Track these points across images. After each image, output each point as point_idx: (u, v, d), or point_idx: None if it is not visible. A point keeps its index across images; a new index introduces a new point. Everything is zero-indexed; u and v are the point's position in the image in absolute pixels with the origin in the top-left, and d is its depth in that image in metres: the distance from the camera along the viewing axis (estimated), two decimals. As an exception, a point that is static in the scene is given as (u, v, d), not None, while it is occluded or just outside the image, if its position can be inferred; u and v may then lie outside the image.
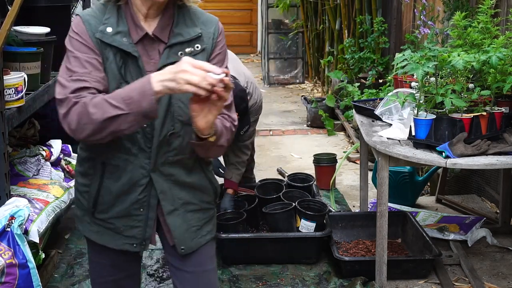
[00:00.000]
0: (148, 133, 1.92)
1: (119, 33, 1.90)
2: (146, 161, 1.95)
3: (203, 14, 2.01)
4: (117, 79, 1.89)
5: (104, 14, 1.92)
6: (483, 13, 3.31)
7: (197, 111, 1.78)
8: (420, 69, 2.98)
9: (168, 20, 1.94)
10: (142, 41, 1.92)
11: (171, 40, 1.92)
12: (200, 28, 1.96)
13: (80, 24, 1.93)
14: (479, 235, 3.80)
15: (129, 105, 1.75)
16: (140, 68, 1.90)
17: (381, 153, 3.13)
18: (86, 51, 1.89)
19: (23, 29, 3.50)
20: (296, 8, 9.17)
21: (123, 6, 1.93)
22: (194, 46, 1.94)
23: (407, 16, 5.94)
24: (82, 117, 1.79)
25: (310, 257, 3.63)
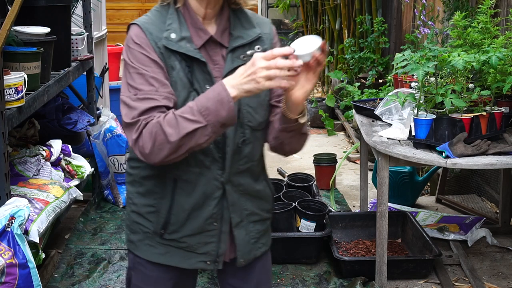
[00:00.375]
0: (219, 143, 1.81)
1: (184, 39, 1.78)
2: (219, 172, 1.84)
3: (255, 15, 1.93)
4: (187, 88, 1.77)
5: (162, 20, 1.80)
6: (483, 13, 3.31)
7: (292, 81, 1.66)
8: (420, 69, 2.98)
9: (225, 23, 1.85)
10: (205, 46, 1.81)
11: (232, 44, 1.83)
12: (258, 29, 1.88)
13: (140, 34, 1.78)
14: (479, 235, 3.80)
15: (206, 116, 1.65)
16: (209, 74, 1.79)
17: (381, 153, 3.13)
18: (150, 64, 1.76)
19: (23, 29, 3.50)
20: (296, 8, 9.18)
21: (182, 10, 1.82)
22: (255, 48, 1.85)
23: (407, 16, 5.94)
24: (157, 138, 1.68)
25: (310, 257, 3.63)
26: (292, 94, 1.71)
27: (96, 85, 4.74)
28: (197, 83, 1.78)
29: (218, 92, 1.65)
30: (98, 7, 5.61)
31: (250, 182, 1.90)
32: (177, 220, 1.86)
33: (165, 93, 1.73)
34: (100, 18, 5.80)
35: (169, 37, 1.77)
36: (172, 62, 1.77)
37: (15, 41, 3.35)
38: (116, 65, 7.01)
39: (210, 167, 1.83)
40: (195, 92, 1.77)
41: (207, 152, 1.81)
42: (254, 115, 1.82)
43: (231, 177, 1.86)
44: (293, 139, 1.84)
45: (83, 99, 4.62)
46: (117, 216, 4.40)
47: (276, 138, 1.85)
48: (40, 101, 3.34)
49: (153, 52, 1.76)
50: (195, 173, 1.83)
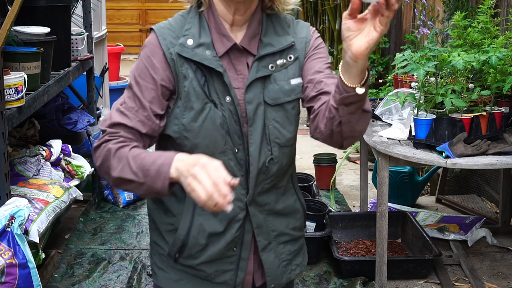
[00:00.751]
0: (240, 159, 1.66)
1: (202, 45, 1.64)
2: (242, 192, 1.68)
3: (294, 21, 1.77)
4: (202, 99, 1.63)
5: (182, 25, 1.67)
6: (483, 13, 3.32)
7: (353, 27, 1.40)
8: (421, 69, 2.98)
9: (256, 29, 1.68)
10: (228, 54, 1.66)
11: (261, 51, 1.67)
12: (292, 36, 1.71)
13: (153, 41, 1.67)
14: (479, 235, 3.80)
15: (145, 177, 1.52)
16: (227, 84, 1.64)
17: (381, 153, 3.13)
18: (146, 79, 1.63)
19: (23, 29, 3.50)
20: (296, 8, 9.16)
21: (206, 14, 1.68)
22: (286, 57, 1.69)
23: (407, 16, 5.94)
24: (104, 163, 1.59)
25: (310, 257, 3.62)
26: (353, 43, 1.40)
27: (96, 85, 4.75)
28: (215, 94, 1.64)
29: (163, 163, 1.49)
30: (98, 7, 5.61)
31: (276, 199, 1.74)
32: (196, 244, 1.70)
33: (141, 116, 1.61)
34: (100, 18, 5.80)
35: (185, 43, 1.64)
36: (185, 70, 1.64)
37: (15, 41, 3.35)
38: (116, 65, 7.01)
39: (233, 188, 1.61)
40: (213, 104, 1.63)
41: (227, 168, 1.59)
42: (281, 130, 1.67)
43: (256, 197, 1.70)
44: (353, 116, 1.55)
45: (83, 99, 4.62)
46: (117, 216, 4.40)
47: (331, 119, 1.57)
48: (40, 101, 3.34)
49: (160, 62, 1.64)
50: None
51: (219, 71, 1.63)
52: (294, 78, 1.70)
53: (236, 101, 1.64)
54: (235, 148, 1.65)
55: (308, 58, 1.72)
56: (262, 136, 1.66)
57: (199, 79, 1.63)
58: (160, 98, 1.63)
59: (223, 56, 1.66)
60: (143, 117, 1.62)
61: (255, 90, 1.66)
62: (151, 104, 1.62)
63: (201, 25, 1.67)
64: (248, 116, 1.64)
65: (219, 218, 1.68)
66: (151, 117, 1.62)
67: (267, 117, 1.66)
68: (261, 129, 1.65)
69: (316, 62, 1.71)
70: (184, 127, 1.63)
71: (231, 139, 1.64)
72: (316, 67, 1.70)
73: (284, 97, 1.67)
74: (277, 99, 1.66)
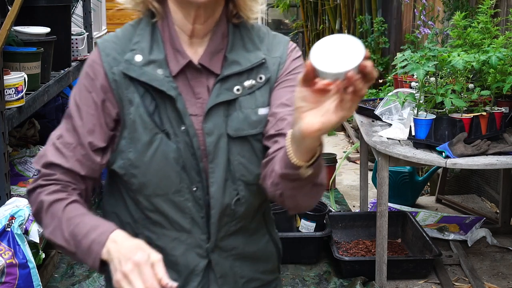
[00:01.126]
0: (199, 199, 1.40)
1: (152, 62, 1.36)
2: (202, 238, 1.42)
3: (270, 34, 1.47)
4: (150, 129, 1.36)
5: (130, 38, 1.39)
6: (483, 13, 3.32)
7: (309, 98, 1.09)
8: (421, 69, 2.98)
9: (220, 43, 1.39)
10: (185, 73, 1.38)
11: (225, 71, 1.37)
12: (263, 52, 1.42)
13: (95, 58, 1.40)
14: (479, 235, 3.80)
15: (76, 248, 1.31)
16: (180, 112, 1.36)
17: (381, 153, 3.13)
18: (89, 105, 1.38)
19: (23, 29, 3.50)
20: (296, 8, 9.18)
21: (160, 24, 1.39)
22: (256, 78, 1.39)
23: (407, 16, 5.94)
24: (37, 214, 1.38)
25: (310, 257, 3.63)
26: (304, 117, 1.10)
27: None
28: (168, 123, 1.37)
29: (94, 239, 1.28)
30: (98, 7, 5.61)
31: (244, 242, 1.48)
32: None
33: (79, 155, 1.37)
34: (100, 18, 5.81)
35: (132, 60, 1.36)
36: (130, 94, 1.36)
37: (15, 41, 3.35)
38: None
39: (191, 231, 1.42)
40: (165, 134, 1.36)
41: (184, 210, 1.40)
42: (248, 166, 1.39)
43: (219, 242, 1.44)
44: (298, 191, 1.28)
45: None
46: (117, 216, 4.39)
47: (275, 185, 1.30)
48: (40, 101, 3.35)
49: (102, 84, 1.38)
50: (170, 239, 1.43)
51: (171, 95, 1.35)
52: (264, 107, 1.40)
53: (192, 131, 1.37)
54: (193, 187, 1.38)
55: (278, 85, 1.41)
56: (225, 174, 1.38)
57: (147, 105, 1.36)
58: (103, 127, 1.38)
59: (178, 76, 1.38)
60: (80, 156, 1.37)
61: (216, 119, 1.37)
62: (91, 136, 1.37)
63: (154, 38, 1.39)
64: (208, 151, 1.37)
65: (178, 269, 1.44)
66: (90, 156, 1.37)
67: (231, 152, 1.38)
68: (224, 166, 1.38)
69: (285, 91, 1.39)
70: (130, 162, 1.38)
71: (187, 176, 1.38)
72: (283, 98, 1.38)
73: (249, 129, 1.38)
74: (240, 130, 1.37)
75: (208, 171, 1.38)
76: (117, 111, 1.38)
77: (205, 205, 1.40)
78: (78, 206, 1.36)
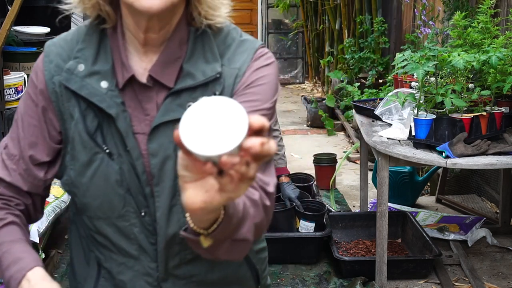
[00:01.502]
0: (149, 224, 1.25)
1: (95, 74, 1.21)
2: (152, 265, 1.28)
3: (239, 39, 1.26)
4: (89, 149, 1.22)
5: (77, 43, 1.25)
6: (483, 13, 3.31)
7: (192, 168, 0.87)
8: (421, 69, 2.98)
9: (175, 52, 1.22)
10: (133, 87, 1.22)
11: (178, 84, 1.21)
12: (222, 63, 1.22)
13: (39, 62, 1.28)
14: (479, 235, 3.80)
15: (1, 276, 1.24)
16: (121, 132, 1.21)
17: (381, 153, 3.13)
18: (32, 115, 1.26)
19: (23, 29, 3.50)
20: (296, 8, 9.18)
21: (110, 33, 1.23)
22: (211, 94, 1.20)
23: (407, 16, 5.94)
24: None
25: (310, 257, 3.63)
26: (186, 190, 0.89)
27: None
28: (112, 142, 1.22)
29: (12, 275, 1.20)
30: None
31: (211, 268, 1.31)
32: None
33: (21, 170, 1.26)
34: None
35: (74, 70, 1.22)
36: (71, 107, 1.22)
37: (15, 41, 3.35)
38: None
39: (138, 258, 1.28)
40: (107, 155, 1.22)
41: (129, 236, 1.26)
42: None
43: (174, 270, 1.29)
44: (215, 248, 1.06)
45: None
46: (117, 216, 4.39)
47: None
48: (40, 101, 3.35)
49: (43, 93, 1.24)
50: (117, 263, 1.29)
51: (111, 114, 1.20)
52: None
53: (136, 152, 1.21)
54: (141, 211, 1.24)
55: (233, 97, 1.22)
56: (172, 200, 1.22)
57: (88, 122, 1.22)
58: (46, 140, 1.26)
59: (126, 89, 1.22)
60: (22, 171, 1.26)
61: (162, 139, 1.21)
62: (33, 149, 1.25)
63: (101, 46, 1.23)
64: (152, 173, 1.22)
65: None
66: (31, 171, 1.26)
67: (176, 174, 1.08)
68: (170, 190, 1.22)
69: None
70: (71, 181, 1.26)
71: (133, 199, 1.23)
72: None
73: None
74: None
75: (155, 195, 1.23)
76: (58, 124, 1.25)
77: (155, 231, 1.25)
78: (12, 229, 1.26)
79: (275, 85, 1.25)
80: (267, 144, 0.83)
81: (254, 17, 11.60)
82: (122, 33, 1.22)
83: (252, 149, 0.82)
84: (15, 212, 1.28)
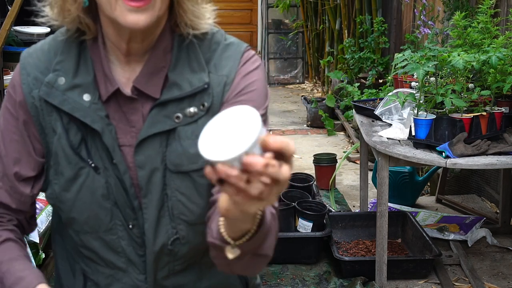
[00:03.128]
0: (138, 237, 1.23)
1: (77, 87, 1.17)
2: (140, 277, 1.26)
3: (222, 44, 1.22)
4: (74, 164, 1.19)
5: (56, 55, 1.19)
6: (483, 13, 3.32)
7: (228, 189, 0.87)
8: (421, 69, 2.98)
9: (160, 61, 1.19)
10: (117, 99, 1.19)
11: (164, 95, 1.17)
12: (209, 70, 1.19)
13: (16, 75, 1.22)
14: (479, 235, 3.80)
15: None
16: (107, 147, 1.18)
17: (381, 153, 3.13)
18: (10, 127, 1.21)
19: (23, 29, 3.50)
20: (296, 8, 9.17)
21: (90, 43, 1.19)
22: (199, 105, 1.18)
23: (407, 16, 5.94)
24: None
25: (310, 257, 3.63)
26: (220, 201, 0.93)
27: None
28: (97, 156, 1.19)
29: None
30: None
31: (200, 277, 1.30)
32: None
33: (7, 186, 1.22)
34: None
35: (54, 83, 1.17)
36: (53, 121, 1.18)
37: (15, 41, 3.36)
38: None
39: (126, 270, 1.26)
40: (93, 169, 1.19)
41: (117, 249, 1.24)
42: (188, 205, 1.20)
43: (162, 281, 1.27)
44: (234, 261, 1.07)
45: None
46: (117, 216, 4.39)
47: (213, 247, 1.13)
48: (40, 101, 3.35)
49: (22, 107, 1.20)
50: (105, 275, 1.27)
51: (96, 129, 1.17)
52: None
53: (123, 166, 1.19)
54: (129, 224, 1.22)
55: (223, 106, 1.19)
56: (160, 211, 1.21)
57: (71, 137, 1.18)
58: (31, 154, 1.22)
59: (110, 100, 1.18)
60: (8, 188, 1.23)
61: (150, 151, 1.19)
62: (17, 166, 1.21)
63: (81, 57, 1.19)
64: (140, 185, 1.19)
65: None
66: (17, 188, 1.22)
67: (169, 187, 1.19)
68: (158, 202, 1.20)
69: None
70: (56, 195, 1.23)
71: (121, 212, 1.21)
72: None
73: (189, 164, 1.18)
74: (179, 165, 1.18)
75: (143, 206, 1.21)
76: (40, 139, 1.21)
77: (143, 243, 1.23)
78: (10, 246, 1.23)
79: (266, 90, 1.23)
80: (274, 168, 0.82)
81: (254, 17, 11.60)
82: (103, 43, 1.18)
83: (251, 166, 0.82)
84: (9, 227, 1.25)
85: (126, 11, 1.09)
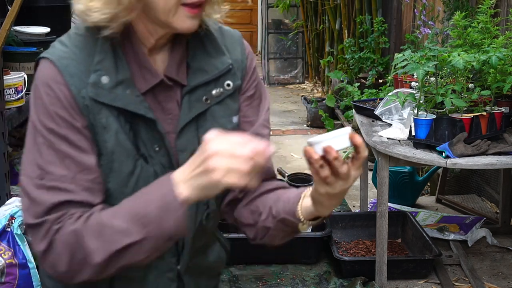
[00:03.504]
0: None
1: (121, 83, 1.21)
2: (173, 260, 1.31)
3: (223, 30, 1.36)
4: (132, 156, 1.22)
5: (88, 53, 1.21)
6: (483, 13, 3.31)
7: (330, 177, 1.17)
8: (421, 69, 2.98)
9: (182, 51, 1.28)
10: (153, 90, 1.26)
11: (191, 81, 1.26)
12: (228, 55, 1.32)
13: (56, 78, 1.19)
14: (479, 235, 3.80)
15: (146, 226, 1.11)
16: (161, 134, 1.24)
17: (381, 153, 3.13)
18: (69, 133, 1.18)
19: (23, 29, 3.50)
20: (296, 8, 9.17)
21: (118, 39, 1.23)
22: (223, 85, 1.29)
23: (407, 16, 5.94)
24: (75, 254, 1.13)
25: (310, 257, 3.63)
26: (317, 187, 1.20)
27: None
28: (143, 146, 1.23)
29: (163, 193, 1.11)
30: (98, 7, 5.61)
31: (204, 256, 1.40)
32: None
33: (85, 182, 1.17)
34: (100, 18, 5.80)
35: (99, 83, 1.19)
36: (103, 119, 1.20)
37: (15, 41, 3.35)
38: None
39: (162, 256, 1.27)
40: (143, 159, 1.23)
41: None
42: None
43: (190, 261, 1.34)
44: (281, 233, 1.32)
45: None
46: (117, 216, 4.39)
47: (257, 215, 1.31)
48: (40, 101, 3.34)
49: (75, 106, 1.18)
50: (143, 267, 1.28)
51: (151, 118, 1.22)
52: (236, 115, 1.32)
53: (171, 150, 1.25)
54: None
55: (242, 95, 1.34)
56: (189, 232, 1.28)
57: (126, 130, 1.21)
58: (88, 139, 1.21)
59: (146, 93, 1.24)
60: (88, 183, 1.18)
61: (189, 134, 1.27)
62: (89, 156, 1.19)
63: (116, 55, 1.22)
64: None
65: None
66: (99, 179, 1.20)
67: None
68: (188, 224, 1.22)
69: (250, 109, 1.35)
70: (109, 193, 1.22)
71: None
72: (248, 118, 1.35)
73: None
74: None
75: None
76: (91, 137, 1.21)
77: None
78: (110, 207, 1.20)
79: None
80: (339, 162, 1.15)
81: (254, 17, 11.61)
82: (131, 42, 1.24)
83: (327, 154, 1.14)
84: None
85: (185, 18, 1.19)
